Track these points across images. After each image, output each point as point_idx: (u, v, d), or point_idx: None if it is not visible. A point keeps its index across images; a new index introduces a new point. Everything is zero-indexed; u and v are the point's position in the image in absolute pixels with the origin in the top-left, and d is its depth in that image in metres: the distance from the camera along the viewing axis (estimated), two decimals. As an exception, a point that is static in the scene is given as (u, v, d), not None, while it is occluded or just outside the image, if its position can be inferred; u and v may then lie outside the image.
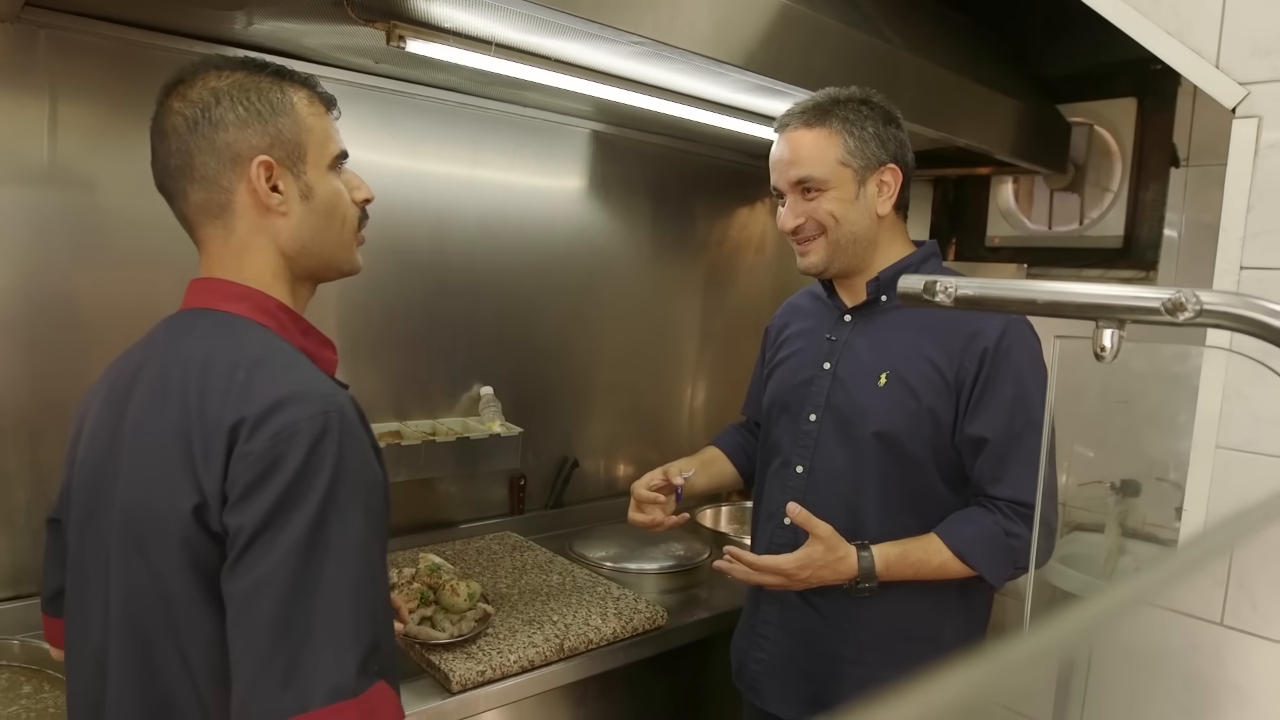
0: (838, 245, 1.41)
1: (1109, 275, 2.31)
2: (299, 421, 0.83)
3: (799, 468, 1.47)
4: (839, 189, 1.39)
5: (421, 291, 2.02)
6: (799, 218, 1.41)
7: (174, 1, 1.47)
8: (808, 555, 1.34)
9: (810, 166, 1.39)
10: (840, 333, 1.47)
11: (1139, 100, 2.28)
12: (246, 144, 0.93)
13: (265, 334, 0.94)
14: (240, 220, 0.95)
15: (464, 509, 2.16)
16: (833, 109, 1.40)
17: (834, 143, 1.39)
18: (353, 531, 0.83)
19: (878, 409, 1.39)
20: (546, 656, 1.52)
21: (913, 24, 2.02)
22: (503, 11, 1.31)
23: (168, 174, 0.96)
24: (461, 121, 2.03)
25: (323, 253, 1.00)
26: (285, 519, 0.81)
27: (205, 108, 0.92)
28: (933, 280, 0.87)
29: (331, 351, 1.04)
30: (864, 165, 1.39)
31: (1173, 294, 0.73)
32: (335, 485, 0.83)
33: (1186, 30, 1.36)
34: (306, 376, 0.89)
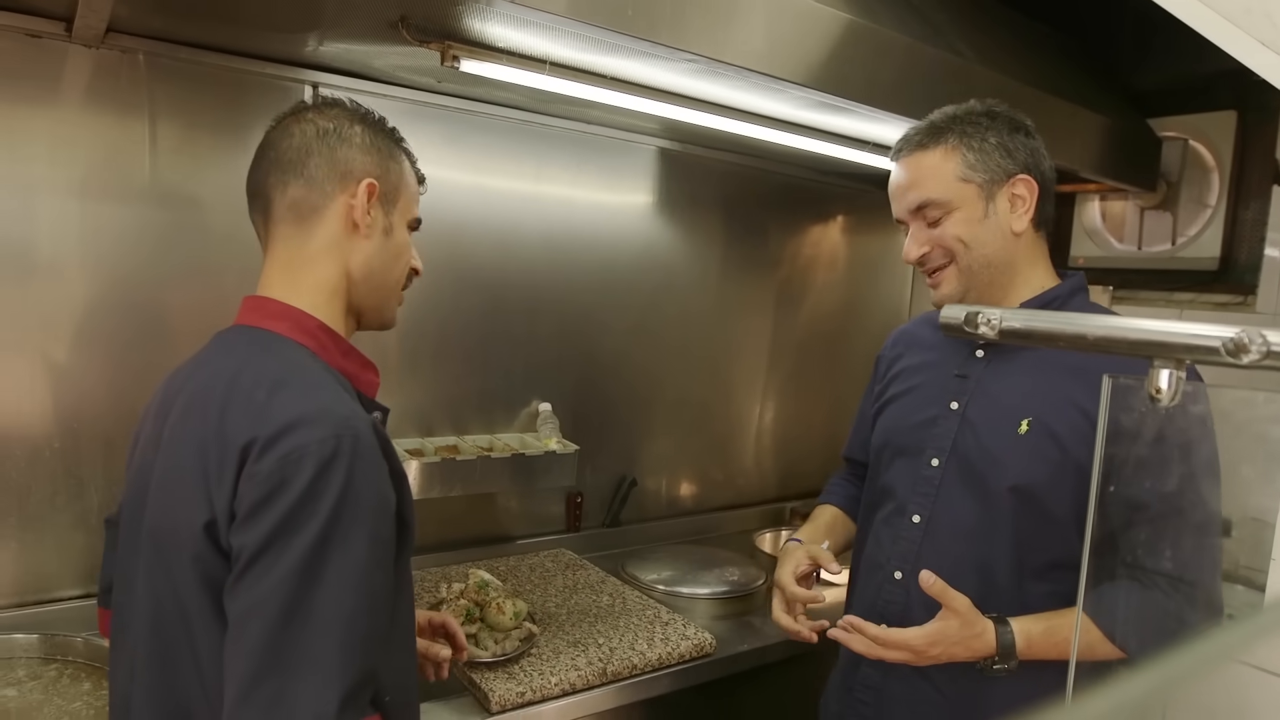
0: (970, 271, 1.26)
1: (1202, 299, 2.17)
2: (309, 444, 0.83)
3: (915, 517, 1.30)
4: (965, 208, 1.25)
5: (482, 306, 2.03)
6: (923, 246, 1.28)
7: (250, 26, 1.52)
8: (941, 630, 1.18)
9: (928, 189, 1.26)
10: (973, 369, 1.30)
11: (1239, 113, 2.14)
12: (361, 166, 1.00)
13: (300, 354, 0.95)
14: (323, 229, 0.99)
15: (521, 524, 2.16)
16: (948, 125, 1.27)
17: (951, 159, 1.25)
18: (354, 560, 0.83)
19: (1017, 460, 1.22)
20: (588, 680, 1.50)
21: (988, 35, 1.95)
22: (555, 31, 1.31)
23: (275, 166, 0.99)
24: (526, 139, 2.04)
25: (379, 290, 1.04)
26: (285, 542, 0.81)
27: (339, 125, 1.00)
28: (975, 311, 0.83)
29: (373, 374, 1.05)
30: (989, 178, 1.25)
31: (1235, 333, 0.66)
32: (339, 511, 0.82)
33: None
34: (327, 398, 0.89)
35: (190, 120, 1.63)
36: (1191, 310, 2.16)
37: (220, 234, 1.67)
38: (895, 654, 1.21)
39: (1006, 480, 1.23)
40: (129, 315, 1.61)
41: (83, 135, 1.54)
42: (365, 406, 1.00)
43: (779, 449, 2.71)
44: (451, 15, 1.30)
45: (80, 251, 1.56)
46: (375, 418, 0.92)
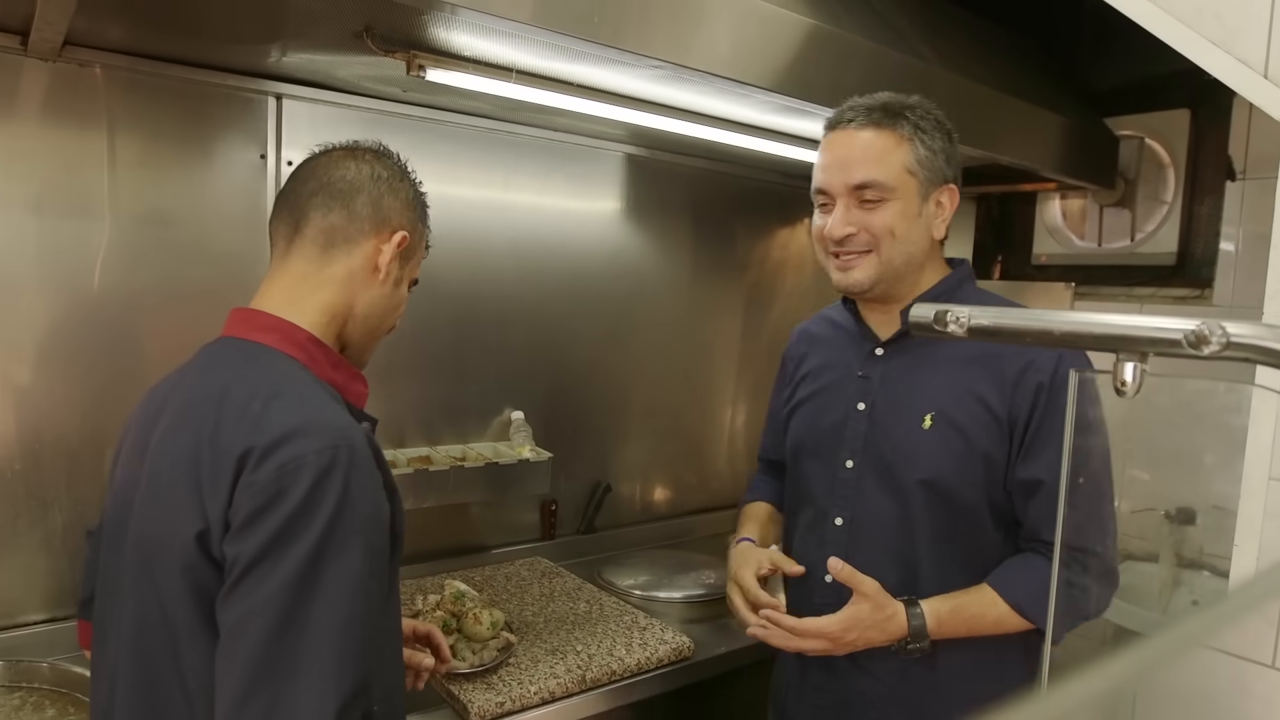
0: (890, 265, 1.26)
1: (1161, 294, 2.22)
2: (306, 454, 0.83)
3: (838, 519, 1.33)
4: (904, 200, 1.24)
5: (452, 316, 2.02)
6: (850, 226, 1.25)
7: (212, 38, 1.50)
8: (854, 615, 1.22)
9: (875, 169, 1.24)
10: (873, 369, 1.34)
11: (1192, 111, 2.19)
12: (400, 218, 1.05)
13: (290, 365, 0.96)
14: (346, 261, 1.02)
15: (496, 534, 2.15)
16: (902, 112, 1.26)
17: (904, 148, 1.24)
18: (350, 569, 0.83)
19: (926, 454, 1.26)
20: (568, 688, 1.49)
21: (948, 39, 1.98)
22: (521, 39, 1.31)
23: (323, 190, 1.02)
24: (493, 147, 2.04)
25: (369, 332, 1.08)
26: (283, 551, 0.81)
27: (395, 175, 1.06)
28: (944, 309, 0.84)
29: (362, 385, 1.06)
30: (930, 179, 1.26)
31: (1196, 326, 0.67)
32: (336, 521, 0.83)
33: (1232, 40, 1.30)
34: (321, 409, 0.90)
35: (152, 133, 1.61)
36: (1152, 304, 2.21)
37: (186, 247, 1.65)
38: (812, 643, 1.24)
39: (917, 474, 1.27)
40: (92, 333, 1.58)
41: (39, 150, 1.51)
42: (355, 417, 1.01)
43: (751, 451, 2.72)
44: (416, 25, 1.30)
45: (39, 268, 1.53)
46: (367, 429, 0.94)
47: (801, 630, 1.25)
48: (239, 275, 1.69)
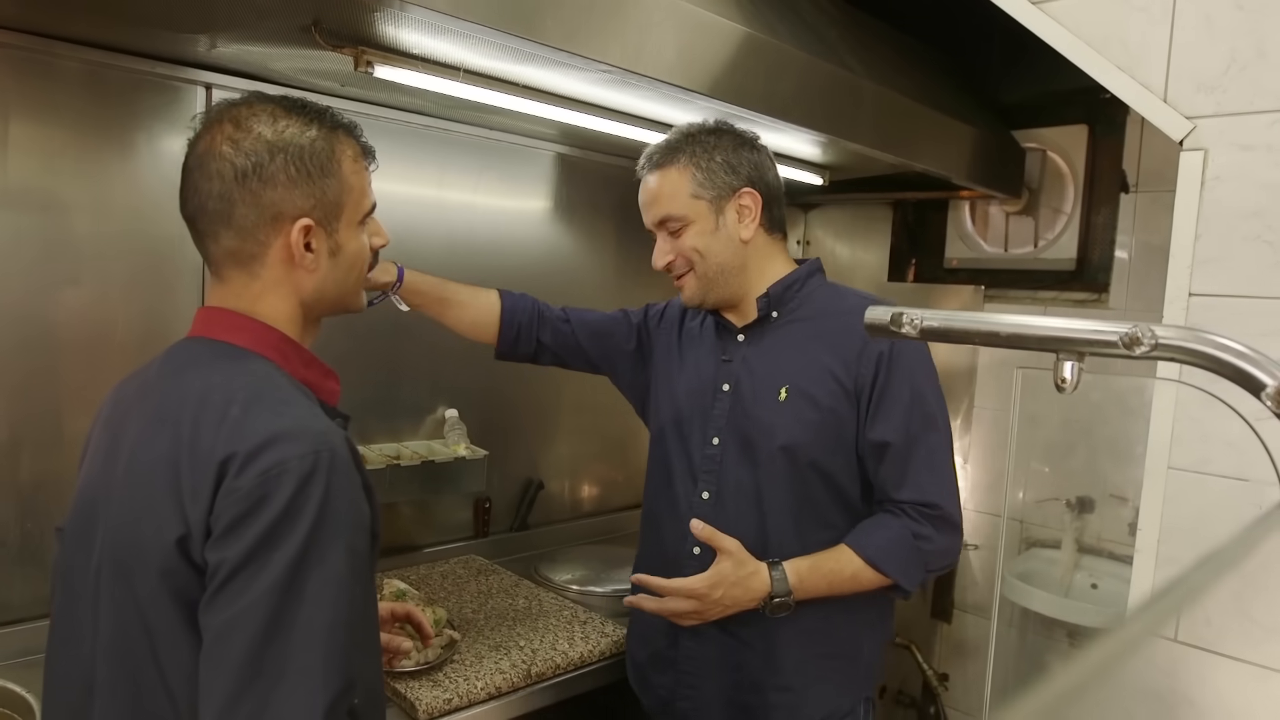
0: (707, 278, 1.43)
1: (1063, 297, 2.37)
2: (288, 460, 0.83)
3: (705, 493, 1.44)
4: (699, 222, 1.41)
5: (386, 313, 2.00)
6: (668, 255, 1.45)
7: (135, 24, 1.45)
8: (718, 573, 1.32)
9: (665, 205, 1.42)
10: (734, 352, 1.47)
11: (1090, 127, 2.35)
12: (292, 205, 0.94)
13: (265, 367, 0.95)
14: (268, 270, 0.97)
15: (428, 533, 2.14)
16: (680, 145, 1.42)
17: (684, 178, 1.41)
18: (333, 573, 0.83)
19: (782, 423, 1.39)
20: (514, 683, 1.51)
21: (874, 52, 2.07)
22: (471, 39, 1.32)
23: (203, 214, 0.95)
24: (427, 144, 2.03)
25: (336, 300, 1.04)
26: (266, 557, 0.81)
27: (258, 163, 0.92)
28: (900, 312, 0.90)
29: (334, 382, 1.05)
30: (717, 194, 1.41)
31: (1129, 329, 0.75)
32: (319, 526, 0.83)
33: (1136, 65, 1.41)
34: (301, 413, 0.89)
35: (68, 121, 1.54)
36: (1054, 307, 2.36)
37: (108, 238, 1.59)
38: (682, 604, 1.33)
39: (776, 442, 1.39)
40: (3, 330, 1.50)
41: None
42: (328, 415, 0.99)
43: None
44: (365, 21, 1.29)
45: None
46: (346, 432, 0.93)
47: (670, 589, 1.33)
48: (164, 267, 1.64)
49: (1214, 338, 0.74)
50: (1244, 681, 1.04)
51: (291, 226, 0.95)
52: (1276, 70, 1.29)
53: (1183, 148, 1.36)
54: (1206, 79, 1.34)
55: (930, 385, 1.40)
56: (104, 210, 1.59)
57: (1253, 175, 1.30)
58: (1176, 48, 1.38)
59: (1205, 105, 1.35)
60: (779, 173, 1.49)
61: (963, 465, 2.47)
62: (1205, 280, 1.34)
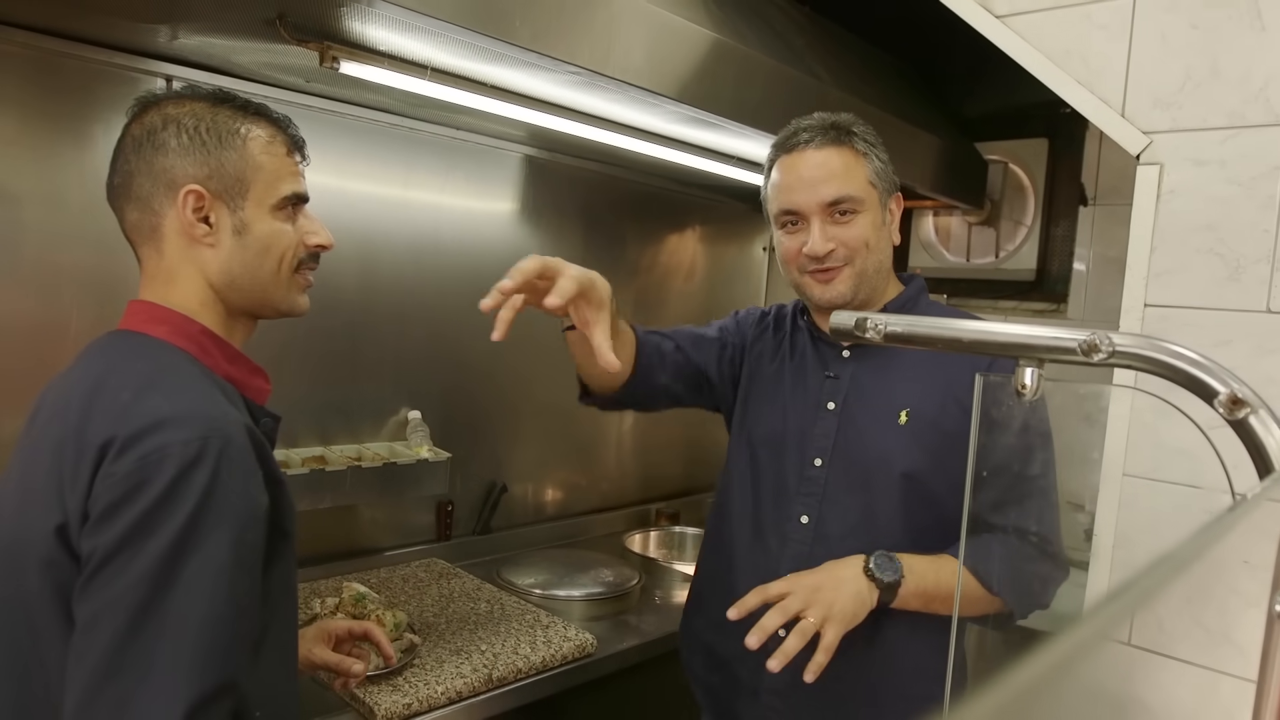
0: (864, 275, 1.30)
1: (1023, 307, 2.41)
2: (172, 444, 0.80)
3: (804, 518, 1.31)
4: (871, 212, 1.30)
5: (349, 313, 1.98)
6: (830, 243, 1.27)
7: (94, 12, 1.42)
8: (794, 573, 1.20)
9: (845, 185, 1.28)
10: (840, 369, 1.35)
11: (1050, 141, 2.39)
12: (183, 172, 0.94)
13: (177, 358, 0.92)
14: (169, 244, 0.96)
15: (389, 535, 2.11)
16: (851, 130, 1.32)
17: (862, 162, 1.30)
18: (214, 564, 0.80)
19: (901, 448, 1.28)
20: (475, 687, 1.49)
21: (841, 61, 2.09)
22: (439, 37, 1.31)
23: (111, 191, 0.98)
24: (393, 143, 2.01)
25: (254, 289, 1.00)
26: (140, 544, 0.77)
27: (152, 131, 0.95)
28: (864, 317, 0.91)
29: (263, 380, 1.02)
30: (886, 189, 1.32)
31: (1087, 336, 0.76)
32: (200, 514, 0.79)
33: (1095, 80, 1.44)
34: (197, 399, 0.86)
35: (20, 113, 1.50)
36: (1014, 316, 2.40)
37: (62, 232, 1.55)
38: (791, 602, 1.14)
39: (897, 469, 1.27)
40: None
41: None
42: (254, 414, 0.98)
43: (639, 453, 2.77)
44: (332, 16, 1.27)
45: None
46: (250, 423, 0.89)
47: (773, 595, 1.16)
48: (119, 261, 1.60)
49: (1169, 346, 0.76)
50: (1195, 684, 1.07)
51: (179, 200, 0.95)
52: (1229, 87, 1.32)
53: (1139, 162, 1.39)
54: (1163, 95, 1.38)
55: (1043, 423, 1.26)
56: (57, 203, 1.55)
57: (1206, 190, 1.34)
58: (1134, 64, 1.41)
59: (1161, 121, 1.38)
60: None
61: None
62: (1160, 291, 1.37)
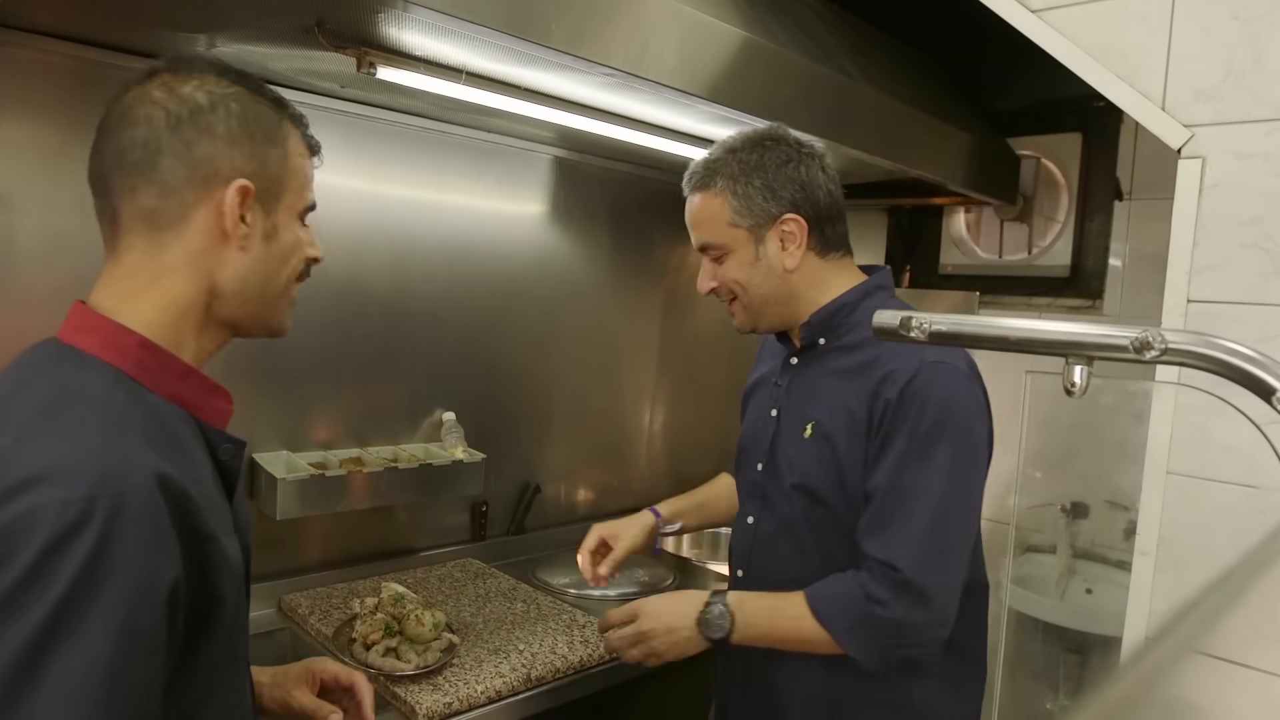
0: (753, 308, 1.34)
1: (1057, 304, 2.38)
2: (44, 508, 0.65)
3: (750, 518, 1.41)
4: (738, 251, 1.31)
5: (383, 316, 2.00)
6: (711, 281, 1.36)
7: (134, 21, 1.44)
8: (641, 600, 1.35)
9: (705, 232, 1.33)
10: (785, 378, 1.40)
11: (1084, 135, 2.36)
12: (229, 163, 0.82)
13: (94, 377, 0.77)
14: (183, 243, 0.82)
15: (425, 536, 2.13)
16: (719, 166, 1.32)
17: (719, 204, 1.30)
18: (90, 658, 0.65)
19: (800, 461, 1.32)
20: (514, 686, 1.50)
21: (871, 59, 2.08)
22: (475, 41, 1.32)
23: (120, 163, 0.81)
24: (425, 146, 2.02)
25: (259, 300, 0.89)
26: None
27: (195, 110, 0.81)
28: (909, 316, 0.90)
29: (223, 400, 0.87)
30: (755, 224, 1.30)
31: (1140, 333, 0.75)
32: (74, 595, 0.65)
33: (1134, 74, 1.43)
34: (90, 444, 0.70)
35: (62, 122, 1.53)
36: (1048, 313, 2.37)
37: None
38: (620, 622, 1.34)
39: (792, 479, 1.33)
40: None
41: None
42: (210, 440, 0.84)
43: (670, 453, 2.78)
44: (370, 22, 1.29)
45: None
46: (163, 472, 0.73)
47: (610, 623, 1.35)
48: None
49: (1224, 343, 0.75)
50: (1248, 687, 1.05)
51: (225, 189, 0.82)
52: (1273, 79, 1.30)
53: (1180, 156, 1.38)
54: (1204, 88, 1.36)
55: (948, 433, 1.20)
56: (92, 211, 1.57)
57: (1250, 183, 1.32)
58: (1175, 57, 1.39)
59: (1203, 114, 1.36)
60: (835, 185, 1.35)
61: (956, 470, 2.48)
62: (1203, 287, 1.35)
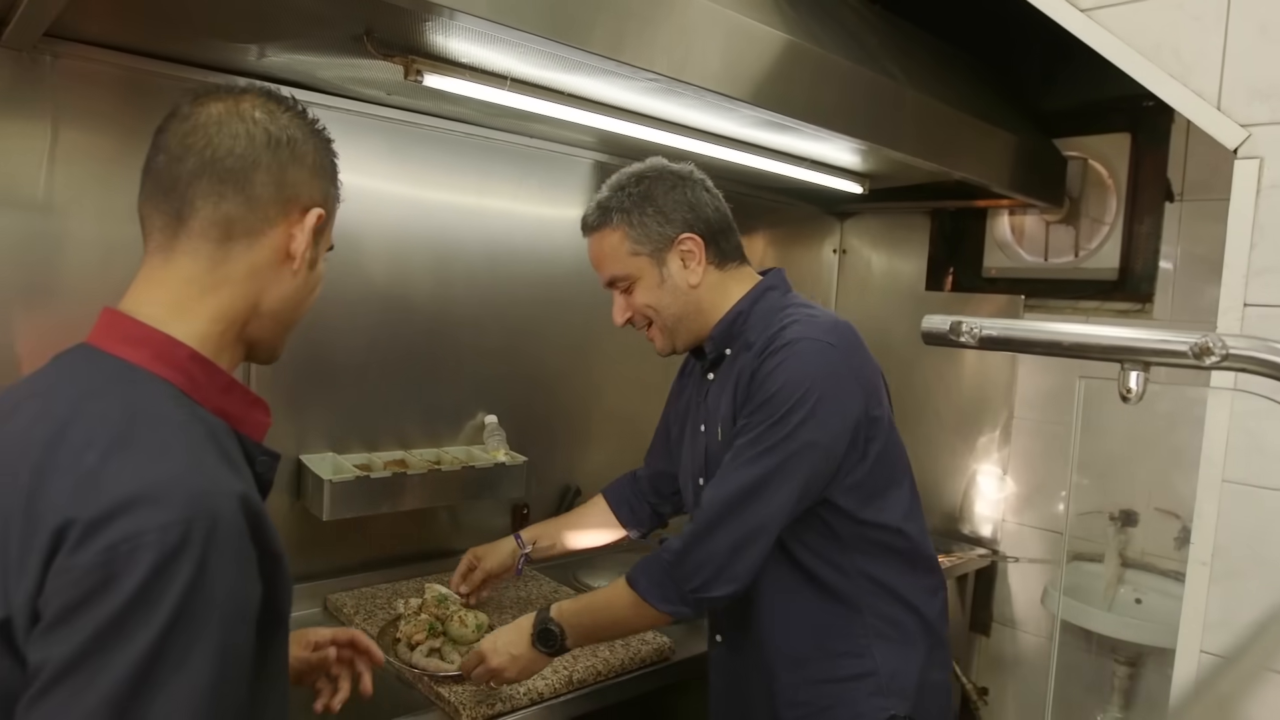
0: (668, 329, 1.43)
1: (1105, 307, 2.34)
2: (147, 531, 0.65)
3: None
4: (644, 278, 1.40)
5: (426, 320, 2.02)
6: (626, 313, 1.45)
7: (186, 32, 1.48)
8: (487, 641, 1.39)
9: (610, 266, 1.41)
10: (701, 393, 1.48)
11: (1133, 135, 2.32)
12: (309, 192, 0.87)
13: (157, 394, 0.77)
14: (250, 255, 0.84)
15: (467, 538, 2.14)
16: (610, 204, 1.40)
17: (618, 238, 1.39)
18: (197, 681, 0.66)
19: (713, 469, 1.38)
20: (556, 689, 1.51)
21: (915, 60, 2.06)
22: (520, 47, 1.33)
23: (209, 169, 0.81)
24: (468, 151, 2.04)
25: (283, 325, 0.91)
26: (104, 660, 0.63)
27: (293, 138, 0.85)
28: (958, 321, 0.89)
29: (262, 413, 0.88)
30: (655, 248, 1.38)
31: (1199, 338, 0.74)
32: (181, 620, 0.65)
33: (1188, 73, 1.40)
34: (180, 464, 0.71)
35: (125, 128, 1.57)
36: (1096, 317, 2.33)
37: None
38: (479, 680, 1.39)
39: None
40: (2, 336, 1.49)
41: (13, 144, 1.46)
42: (249, 452, 0.84)
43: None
44: (417, 30, 1.31)
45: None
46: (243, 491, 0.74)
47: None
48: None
49: (1288, 348, 0.73)
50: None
51: (305, 216, 0.86)
52: (1334, 78, 1.27)
53: (1237, 156, 1.35)
54: (1262, 87, 1.33)
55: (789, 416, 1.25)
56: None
57: (1310, 184, 1.28)
58: (1230, 55, 1.36)
59: (1260, 113, 1.33)
60: (719, 201, 1.44)
61: (1001, 477, 2.45)
62: (1261, 290, 1.32)
